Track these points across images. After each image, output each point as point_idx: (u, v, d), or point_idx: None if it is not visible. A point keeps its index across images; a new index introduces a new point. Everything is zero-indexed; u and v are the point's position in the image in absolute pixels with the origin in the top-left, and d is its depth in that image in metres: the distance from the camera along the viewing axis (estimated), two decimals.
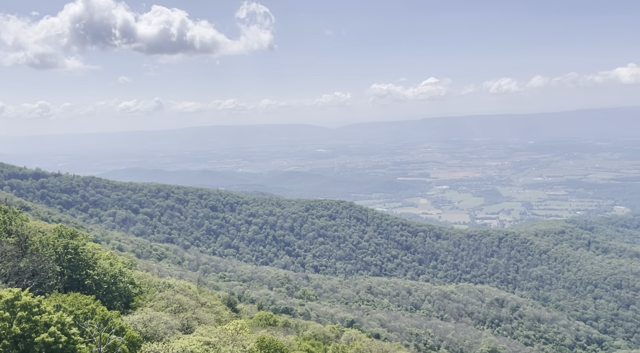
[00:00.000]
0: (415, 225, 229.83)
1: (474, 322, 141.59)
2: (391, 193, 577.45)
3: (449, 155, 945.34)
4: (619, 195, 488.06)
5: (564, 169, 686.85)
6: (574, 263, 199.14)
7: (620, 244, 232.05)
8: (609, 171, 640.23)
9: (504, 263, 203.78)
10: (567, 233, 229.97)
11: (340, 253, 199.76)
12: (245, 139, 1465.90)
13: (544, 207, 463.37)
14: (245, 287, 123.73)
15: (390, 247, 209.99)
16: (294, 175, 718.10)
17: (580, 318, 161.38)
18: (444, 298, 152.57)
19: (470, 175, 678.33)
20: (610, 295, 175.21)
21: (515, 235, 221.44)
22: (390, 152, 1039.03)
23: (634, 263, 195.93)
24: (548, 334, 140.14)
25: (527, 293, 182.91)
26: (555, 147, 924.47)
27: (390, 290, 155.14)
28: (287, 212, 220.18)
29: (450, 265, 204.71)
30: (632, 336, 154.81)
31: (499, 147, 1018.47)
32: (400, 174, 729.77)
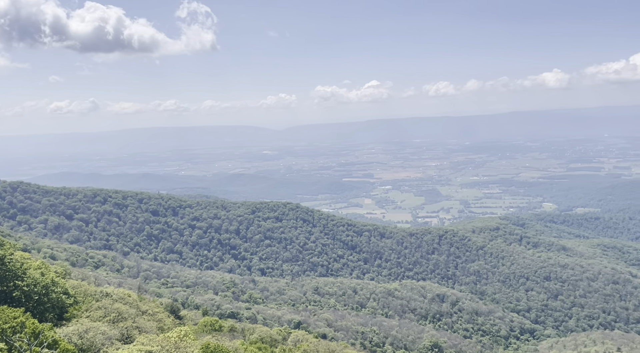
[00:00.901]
0: (360, 225, 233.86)
1: (416, 317, 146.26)
2: (337, 194, 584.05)
3: (392, 156, 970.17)
4: (546, 193, 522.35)
5: (497, 169, 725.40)
6: (507, 257, 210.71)
7: (549, 238, 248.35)
8: (538, 170, 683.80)
9: (444, 260, 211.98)
10: (501, 230, 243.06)
11: (287, 255, 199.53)
12: (187, 141, 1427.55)
13: (480, 204, 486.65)
14: (189, 292, 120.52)
15: (336, 247, 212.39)
16: (240, 178, 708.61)
17: (514, 309, 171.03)
18: (388, 295, 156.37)
19: (412, 176, 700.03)
20: (541, 287, 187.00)
21: (454, 232, 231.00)
22: (335, 154, 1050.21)
23: (560, 256, 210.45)
24: (485, 326, 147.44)
25: (465, 288, 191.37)
26: (490, 147, 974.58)
27: (336, 290, 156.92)
28: (233, 214, 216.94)
29: (394, 263, 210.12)
30: (561, 325, 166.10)
31: (438, 148, 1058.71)
32: (345, 175, 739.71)
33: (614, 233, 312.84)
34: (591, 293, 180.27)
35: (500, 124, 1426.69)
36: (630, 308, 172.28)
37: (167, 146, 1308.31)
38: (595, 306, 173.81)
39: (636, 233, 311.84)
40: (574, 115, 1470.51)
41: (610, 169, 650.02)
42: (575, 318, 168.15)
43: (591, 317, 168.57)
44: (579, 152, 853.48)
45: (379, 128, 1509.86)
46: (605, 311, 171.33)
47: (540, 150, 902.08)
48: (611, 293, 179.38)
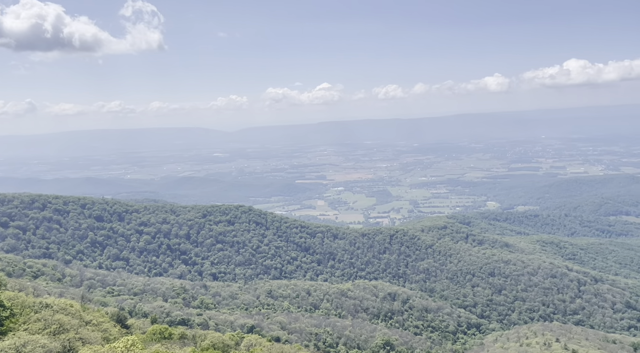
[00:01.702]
0: (313, 227, 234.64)
1: (369, 317, 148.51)
2: (290, 196, 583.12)
3: (344, 157, 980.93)
4: (490, 192, 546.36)
5: (444, 169, 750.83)
6: (455, 255, 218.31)
7: (493, 236, 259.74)
8: (482, 170, 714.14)
9: (395, 259, 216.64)
10: (449, 228, 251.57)
11: (240, 259, 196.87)
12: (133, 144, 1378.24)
13: (428, 204, 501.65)
14: (137, 300, 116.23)
15: (289, 249, 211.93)
16: (189, 181, 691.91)
17: (461, 305, 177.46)
18: (341, 296, 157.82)
19: (364, 177, 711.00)
20: (486, 283, 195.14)
21: (405, 232, 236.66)
22: (288, 156, 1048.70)
23: (503, 252, 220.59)
24: (434, 323, 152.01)
25: (416, 285, 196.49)
26: (437, 149, 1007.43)
27: (290, 292, 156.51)
28: (183, 219, 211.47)
29: (347, 263, 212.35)
30: (504, 318, 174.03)
31: (388, 149, 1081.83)
32: (298, 177, 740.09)
33: (551, 229, 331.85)
34: (532, 287, 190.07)
35: (446, 126, 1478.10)
36: (567, 301, 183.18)
37: (111, 149, 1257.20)
38: (535, 299, 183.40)
39: (571, 229, 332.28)
40: (514, 118, 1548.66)
41: (548, 169, 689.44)
42: (518, 311, 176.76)
43: (532, 310, 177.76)
44: (519, 152, 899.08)
45: (330, 130, 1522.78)
46: (544, 304, 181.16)
47: (484, 151, 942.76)
48: (550, 287, 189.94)
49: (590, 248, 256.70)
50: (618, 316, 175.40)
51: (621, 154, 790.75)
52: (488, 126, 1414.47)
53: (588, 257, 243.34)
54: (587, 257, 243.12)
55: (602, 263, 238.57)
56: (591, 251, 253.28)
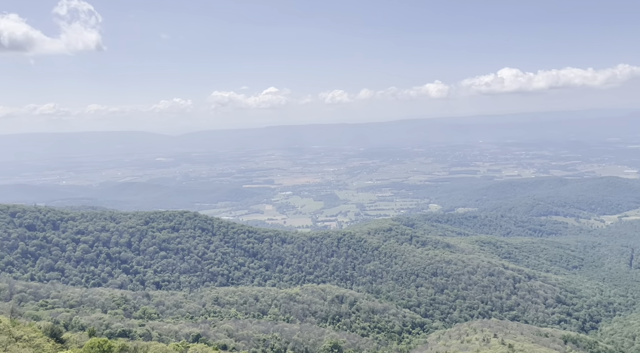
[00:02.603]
0: (261, 232, 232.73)
1: (317, 320, 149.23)
2: (237, 201, 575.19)
3: (292, 162, 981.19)
4: (432, 195, 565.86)
5: (389, 173, 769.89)
6: (400, 256, 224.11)
7: (435, 237, 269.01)
8: (424, 174, 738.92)
9: (343, 262, 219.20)
10: (394, 230, 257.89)
11: (185, 266, 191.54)
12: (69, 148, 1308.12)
13: (374, 207, 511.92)
14: (73, 313, 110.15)
15: (237, 255, 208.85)
16: (131, 186, 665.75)
17: (406, 305, 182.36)
18: (290, 300, 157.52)
19: (311, 181, 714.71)
20: (429, 283, 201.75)
21: (352, 234, 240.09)
22: (235, 160, 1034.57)
23: (445, 253, 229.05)
24: (380, 323, 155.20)
25: (362, 287, 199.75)
26: (382, 153, 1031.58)
27: (237, 298, 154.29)
28: (123, 226, 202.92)
29: (295, 267, 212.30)
30: (447, 317, 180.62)
31: (335, 154, 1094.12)
32: (245, 182, 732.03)
33: (489, 229, 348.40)
34: (471, 286, 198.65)
35: (390, 131, 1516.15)
36: (504, 297, 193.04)
37: (44, 154, 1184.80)
38: (475, 297, 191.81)
39: (507, 229, 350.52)
40: (453, 123, 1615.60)
41: (485, 172, 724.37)
42: (459, 309, 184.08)
43: (472, 308, 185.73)
44: (459, 156, 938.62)
45: (278, 134, 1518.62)
46: (483, 301, 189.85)
47: (426, 156, 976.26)
48: (488, 285, 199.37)
49: (524, 247, 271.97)
50: (549, 311, 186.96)
51: (550, 157, 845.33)
52: (429, 131, 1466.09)
53: (522, 256, 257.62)
54: (521, 256, 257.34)
55: (534, 261, 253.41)
56: (525, 250, 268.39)
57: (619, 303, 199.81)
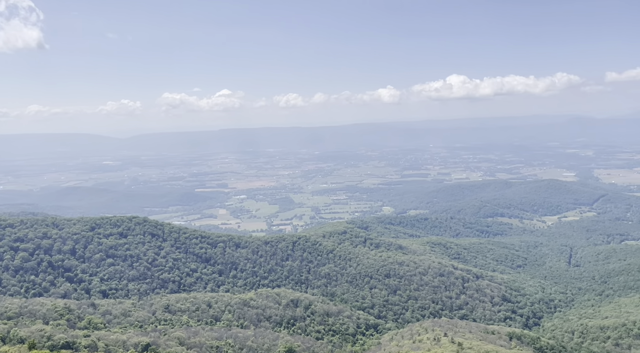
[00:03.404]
0: (214, 237, 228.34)
1: (272, 325, 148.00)
2: (189, 206, 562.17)
3: (246, 165, 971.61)
4: (385, 197, 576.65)
5: (344, 176, 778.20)
6: (354, 259, 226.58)
7: (388, 239, 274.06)
8: (378, 177, 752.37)
9: (298, 265, 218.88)
10: (348, 233, 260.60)
11: (134, 274, 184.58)
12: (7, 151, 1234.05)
13: (329, 210, 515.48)
14: (11, 325, 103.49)
15: (189, 260, 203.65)
16: (75, 191, 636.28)
17: (360, 307, 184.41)
18: (244, 306, 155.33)
19: (266, 184, 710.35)
20: (382, 284, 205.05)
21: (307, 238, 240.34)
22: (187, 163, 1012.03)
23: (398, 254, 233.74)
24: (335, 326, 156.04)
25: (317, 291, 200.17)
26: (337, 156, 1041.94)
27: (189, 305, 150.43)
28: (67, 233, 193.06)
29: (250, 272, 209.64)
30: (399, 317, 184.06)
31: (290, 157, 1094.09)
32: (198, 186, 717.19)
33: (439, 231, 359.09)
34: (423, 286, 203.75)
35: (344, 135, 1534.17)
36: (453, 297, 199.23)
37: None
38: (426, 297, 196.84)
39: (456, 230, 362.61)
40: (405, 128, 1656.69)
41: (435, 175, 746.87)
42: (411, 310, 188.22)
43: (423, 308, 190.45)
44: (411, 160, 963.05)
45: (232, 137, 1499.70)
46: (434, 301, 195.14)
47: (379, 159, 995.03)
48: (438, 285, 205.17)
49: (472, 248, 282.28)
50: (496, 309, 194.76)
51: (496, 161, 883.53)
52: (382, 135, 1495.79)
53: (470, 256, 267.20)
54: (470, 256, 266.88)
55: (482, 261, 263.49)
56: (473, 250, 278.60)
57: (559, 300, 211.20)
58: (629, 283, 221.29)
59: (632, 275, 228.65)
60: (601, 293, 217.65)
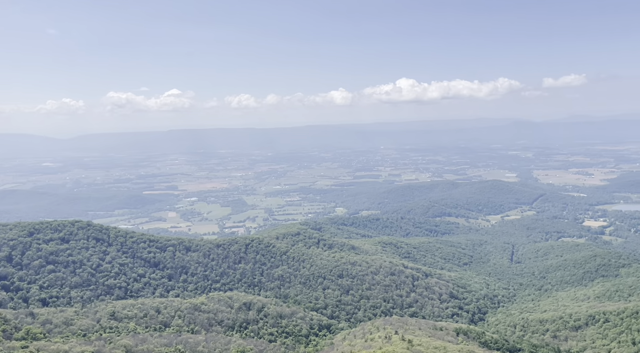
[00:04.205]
0: (164, 240, 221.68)
1: (224, 329, 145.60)
2: (137, 209, 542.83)
3: (197, 167, 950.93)
4: (338, 198, 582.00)
5: (297, 178, 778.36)
6: (307, 260, 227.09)
7: (341, 240, 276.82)
8: (331, 178, 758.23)
9: (251, 268, 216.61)
10: (302, 234, 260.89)
11: (77, 280, 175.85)
12: None
13: (283, 212, 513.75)
14: None
15: (136, 265, 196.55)
16: (12, 194, 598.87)
17: (313, 308, 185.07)
18: (194, 310, 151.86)
19: (218, 186, 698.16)
20: (335, 285, 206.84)
21: (260, 240, 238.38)
22: (134, 165, 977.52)
23: (350, 255, 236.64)
24: (288, 328, 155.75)
25: (271, 293, 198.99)
26: (290, 158, 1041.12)
27: (137, 312, 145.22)
28: (2, 239, 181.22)
29: (201, 276, 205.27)
30: (352, 317, 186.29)
31: (242, 158, 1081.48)
32: (146, 188, 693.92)
33: (390, 231, 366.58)
34: (375, 286, 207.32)
35: (298, 136, 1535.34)
36: (404, 295, 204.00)
37: None
38: (378, 296, 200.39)
39: (406, 230, 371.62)
40: (357, 130, 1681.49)
41: (386, 176, 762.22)
42: (363, 309, 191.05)
43: (375, 307, 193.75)
44: (363, 161, 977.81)
45: (182, 138, 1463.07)
46: (385, 300, 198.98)
47: (332, 161, 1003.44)
48: (390, 284, 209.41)
49: (421, 247, 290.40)
50: (444, 306, 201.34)
51: (444, 162, 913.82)
52: (335, 137, 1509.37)
53: (420, 255, 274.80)
54: (419, 255, 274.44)
55: (431, 259, 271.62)
56: (422, 249, 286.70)
57: (503, 296, 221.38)
58: (565, 278, 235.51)
59: (568, 270, 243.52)
60: (540, 288, 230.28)
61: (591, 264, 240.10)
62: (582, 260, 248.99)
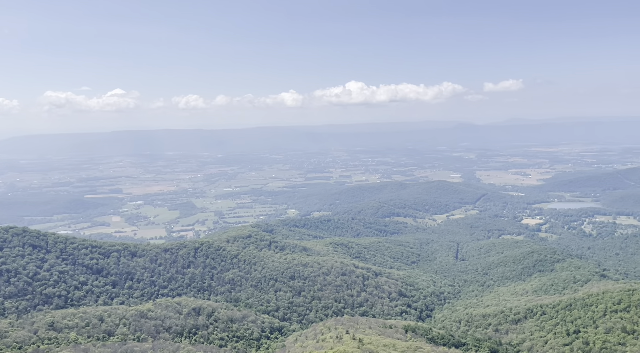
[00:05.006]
0: (107, 246, 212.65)
1: (172, 336, 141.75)
2: (78, 214, 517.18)
3: (143, 169, 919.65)
4: (290, 200, 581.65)
5: (248, 180, 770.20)
6: (259, 263, 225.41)
7: (293, 241, 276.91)
8: (282, 180, 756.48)
9: (200, 272, 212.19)
10: (253, 237, 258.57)
11: (11, 290, 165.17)
12: None
13: (234, 214, 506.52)
14: None
15: (78, 273, 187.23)
16: None
17: (265, 311, 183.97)
18: (140, 318, 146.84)
19: (166, 189, 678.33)
20: (287, 287, 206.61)
21: (210, 243, 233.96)
22: (74, 168, 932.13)
23: (302, 256, 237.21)
24: (239, 332, 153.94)
25: (221, 297, 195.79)
26: (241, 160, 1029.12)
27: (78, 321, 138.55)
28: None
29: (148, 282, 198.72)
30: (304, 318, 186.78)
31: (191, 160, 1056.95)
32: (88, 191, 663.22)
33: (341, 232, 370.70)
34: (326, 286, 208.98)
35: (248, 138, 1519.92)
36: (355, 295, 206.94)
37: None
38: (329, 297, 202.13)
39: (357, 231, 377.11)
40: (308, 131, 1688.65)
41: (337, 178, 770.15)
42: (315, 310, 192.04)
43: (327, 307, 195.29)
44: (314, 163, 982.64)
45: (126, 140, 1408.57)
46: (337, 300, 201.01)
47: (284, 162, 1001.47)
48: (341, 284, 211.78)
49: (371, 247, 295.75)
50: (393, 304, 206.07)
51: (392, 164, 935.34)
52: (286, 138, 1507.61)
53: (370, 254, 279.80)
54: (369, 255, 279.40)
55: (380, 259, 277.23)
56: (372, 249, 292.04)
57: (448, 292, 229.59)
58: (505, 274, 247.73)
59: (508, 266, 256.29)
60: (483, 284, 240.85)
61: (529, 260, 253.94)
62: (520, 256, 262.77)
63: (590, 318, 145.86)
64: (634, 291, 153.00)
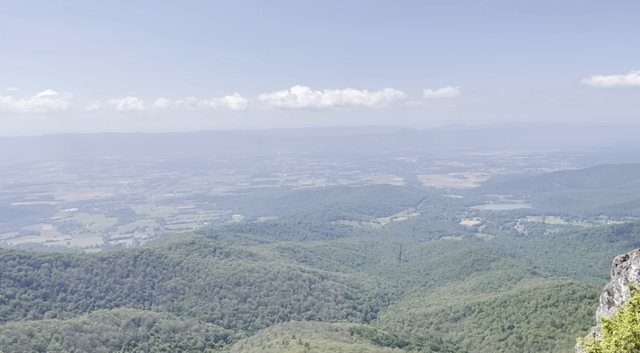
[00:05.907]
0: (37, 256, 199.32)
1: (109, 349, 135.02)
2: (4, 222, 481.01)
3: (77, 174, 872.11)
4: (235, 205, 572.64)
5: (191, 185, 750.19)
6: (203, 270, 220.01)
7: (239, 247, 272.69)
8: (227, 185, 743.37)
9: (140, 282, 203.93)
10: (197, 244, 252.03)
11: None
12: None
13: (176, 221, 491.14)
14: None
15: (4, 286, 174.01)
16: None
17: (209, 319, 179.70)
18: (75, 331, 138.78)
19: (102, 195, 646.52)
20: (232, 293, 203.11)
21: (151, 251, 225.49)
22: (1, 174, 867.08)
23: (248, 262, 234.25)
24: (182, 342, 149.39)
25: (163, 306, 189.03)
26: (183, 164, 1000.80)
27: (4, 337, 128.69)
28: None
29: (83, 293, 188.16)
30: (249, 325, 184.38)
31: (130, 165, 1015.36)
32: (15, 199, 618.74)
33: (288, 236, 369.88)
34: (273, 292, 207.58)
35: (191, 142, 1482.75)
36: (301, 299, 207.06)
37: None
38: (275, 302, 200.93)
39: (304, 235, 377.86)
40: (253, 135, 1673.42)
41: (284, 182, 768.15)
42: (261, 316, 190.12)
43: (273, 313, 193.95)
44: (260, 167, 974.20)
45: (59, 143, 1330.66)
46: (283, 305, 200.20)
47: (229, 167, 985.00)
48: (287, 289, 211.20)
49: (318, 250, 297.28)
50: (339, 306, 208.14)
51: (338, 168, 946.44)
52: (231, 142, 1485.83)
53: (316, 258, 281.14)
54: (316, 258, 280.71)
55: (327, 262, 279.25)
56: (319, 252, 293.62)
57: (392, 293, 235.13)
58: (446, 274, 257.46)
59: (448, 266, 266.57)
60: (425, 284, 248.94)
61: (467, 260, 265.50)
62: (459, 256, 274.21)
63: (523, 314, 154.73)
64: (561, 287, 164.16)
